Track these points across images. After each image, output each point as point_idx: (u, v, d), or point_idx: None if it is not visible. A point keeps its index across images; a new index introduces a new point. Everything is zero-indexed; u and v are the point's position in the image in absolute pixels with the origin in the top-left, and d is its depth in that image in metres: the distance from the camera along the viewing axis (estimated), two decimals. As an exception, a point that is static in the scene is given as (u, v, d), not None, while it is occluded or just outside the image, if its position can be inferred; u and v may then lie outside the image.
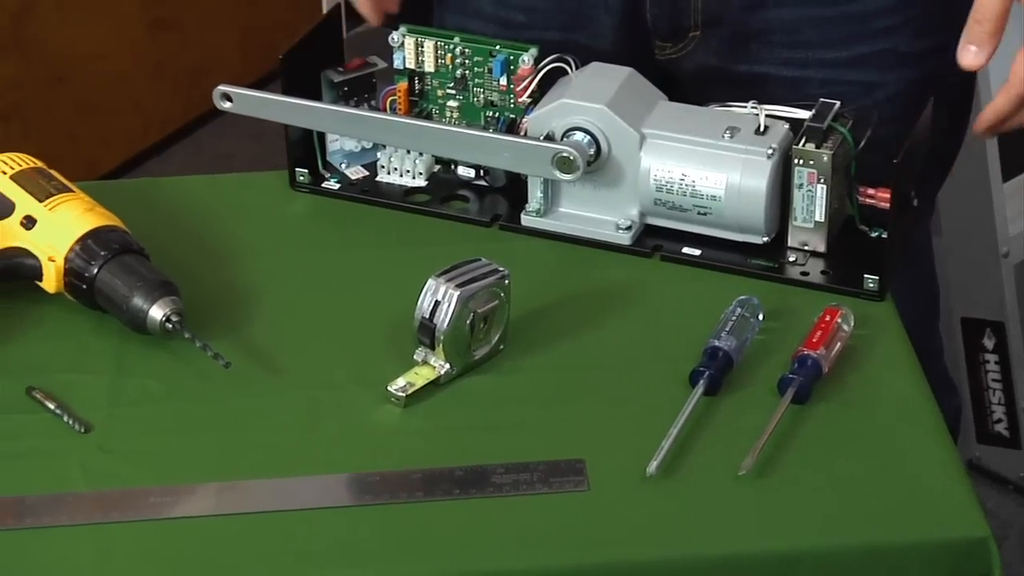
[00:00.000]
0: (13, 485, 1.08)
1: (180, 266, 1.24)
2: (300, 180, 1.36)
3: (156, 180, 1.42)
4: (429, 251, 1.27)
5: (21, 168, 1.26)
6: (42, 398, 1.14)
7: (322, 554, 1.04)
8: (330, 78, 1.35)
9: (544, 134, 1.27)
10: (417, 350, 1.16)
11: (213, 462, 1.10)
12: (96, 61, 2.88)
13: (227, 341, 1.18)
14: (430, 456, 1.10)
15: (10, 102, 2.74)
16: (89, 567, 1.03)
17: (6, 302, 1.23)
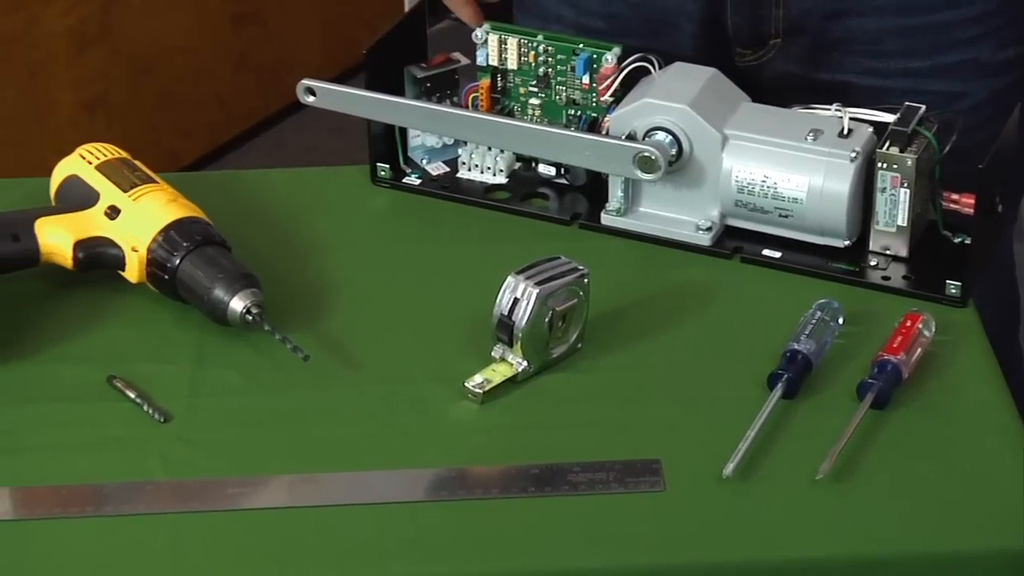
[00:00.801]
0: (93, 473, 1.09)
1: (261, 258, 1.24)
2: (381, 175, 1.37)
3: (238, 172, 1.43)
4: (508, 248, 1.27)
5: (106, 158, 1.27)
6: (123, 387, 1.15)
7: (396, 549, 1.04)
8: (413, 74, 1.35)
9: (626, 133, 1.27)
10: (495, 347, 1.16)
11: (289, 454, 1.11)
12: (180, 53, 2.91)
13: (306, 334, 1.19)
14: (506, 453, 1.10)
15: (96, 92, 2.76)
16: (165, 555, 1.04)
17: (89, 291, 1.25)
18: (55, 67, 2.69)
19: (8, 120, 2.65)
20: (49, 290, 1.25)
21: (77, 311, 1.23)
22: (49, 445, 1.11)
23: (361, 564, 1.03)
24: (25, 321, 1.21)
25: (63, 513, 1.06)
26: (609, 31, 1.40)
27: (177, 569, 1.03)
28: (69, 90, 2.72)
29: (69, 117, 2.73)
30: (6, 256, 1.21)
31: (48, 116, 2.70)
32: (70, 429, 1.13)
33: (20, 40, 2.62)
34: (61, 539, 1.04)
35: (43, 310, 1.23)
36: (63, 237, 1.22)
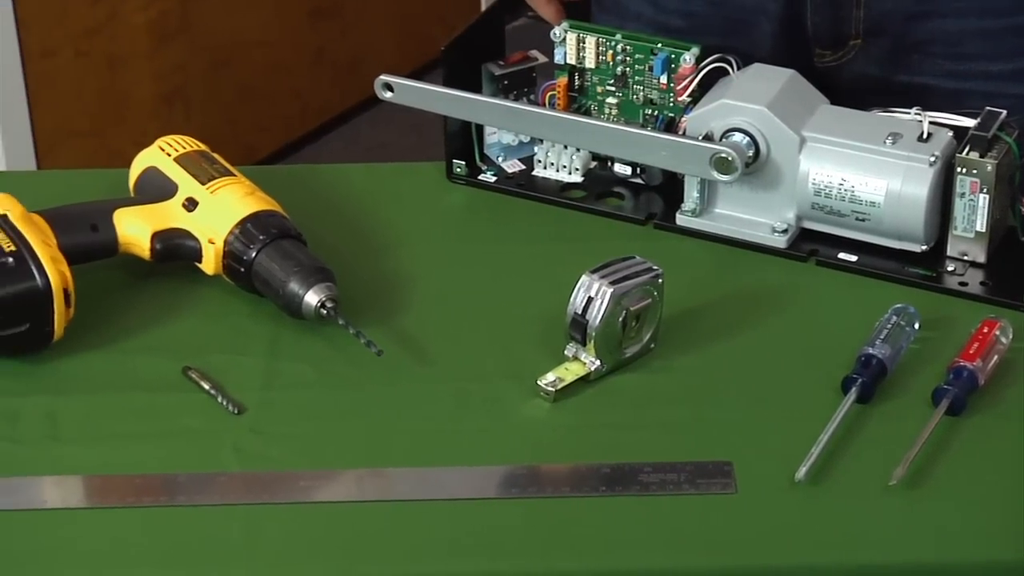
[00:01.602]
0: (167, 463, 1.10)
1: (336, 253, 1.25)
2: (457, 172, 1.37)
3: (315, 167, 1.43)
4: (583, 247, 1.27)
5: (185, 151, 1.28)
6: (198, 378, 1.16)
7: (466, 545, 1.04)
8: (491, 71, 1.36)
9: (703, 134, 1.27)
10: (568, 346, 1.16)
11: (361, 448, 1.11)
12: (258, 48, 2.92)
13: (380, 329, 1.19)
14: (577, 452, 1.10)
15: (175, 85, 2.79)
16: (238, 546, 1.04)
17: (166, 282, 1.25)
18: (135, 59, 2.72)
19: (88, 111, 2.67)
20: (127, 281, 1.26)
21: (154, 302, 1.24)
22: (124, 435, 1.12)
23: (431, 560, 1.04)
24: (103, 311, 1.22)
25: (136, 502, 1.07)
26: (688, 29, 1.40)
27: (250, 560, 1.03)
28: (148, 82, 2.74)
29: (148, 109, 2.75)
30: (85, 246, 1.22)
31: (127, 108, 2.73)
32: (145, 419, 1.13)
33: (101, 32, 2.64)
34: (134, 528, 1.05)
35: (120, 300, 1.24)
36: (141, 228, 1.23)
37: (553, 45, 1.36)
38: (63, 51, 2.60)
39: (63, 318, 1.16)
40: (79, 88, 2.65)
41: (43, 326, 1.16)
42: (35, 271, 1.15)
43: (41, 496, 1.08)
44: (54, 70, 2.60)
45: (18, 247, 1.15)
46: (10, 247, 1.15)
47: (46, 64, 2.58)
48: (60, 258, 1.17)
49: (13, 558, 1.03)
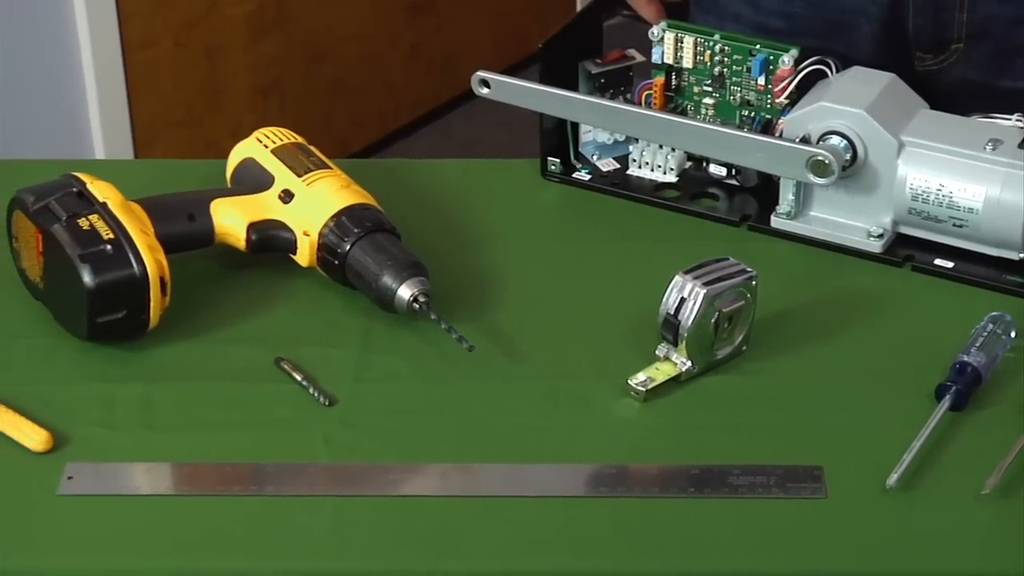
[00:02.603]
0: (257, 453, 1.10)
1: (429, 248, 1.25)
2: (551, 169, 1.37)
3: (410, 161, 1.44)
4: (676, 247, 1.27)
5: (282, 143, 1.29)
6: (290, 369, 1.17)
7: (552, 542, 1.04)
8: (587, 69, 1.36)
9: (800, 136, 1.26)
10: (659, 346, 1.16)
11: (451, 443, 1.12)
12: (354, 42, 2.94)
13: (472, 324, 1.20)
14: (667, 452, 1.10)
15: (271, 77, 2.80)
16: (326, 537, 1.05)
17: (260, 274, 1.26)
18: (232, 51, 2.74)
19: (186, 102, 2.70)
20: (222, 271, 1.27)
21: (248, 293, 1.25)
22: (216, 423, 1.13)
23: (517, 556, 1.04)
24: (198, 300, 1.23)
25: (226, 491, 1.07)
26: (787, 30, 1.39)
27: (337, 552, 1.04)
28: (245, 74, 2.76)
29: (244, 101, 2.77)
30: (182, 236, 1.23)
31: (224, 99, 2.75)
32: (237, 409, 1.14)
33: (200, 24, 2.67)
34: (223, 517, 1.06)
35: (215, 290, 1.25)
36: (238, 219, 1.24)
37: (650, 44, 1.36)
38: (162, 42, 2.63)
39: (159, 306, 1.17)
40: (177, 79, 2.67)
41: (139, 314, 1.17)
42: (132, 259, 1.16)
43: (133, 482, 1.09)
44: (153, 61, 2.62)
45: (117, 235, 1.16)
46: (109, 235, 1.16)
47: (146, 55, 2.61)
48: (157, 247, 1.18)
49: (104, 543, 1.04)
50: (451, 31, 3.11)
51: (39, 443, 1.10)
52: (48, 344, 1.19)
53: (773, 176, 1.30)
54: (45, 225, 1.17)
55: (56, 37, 2.50)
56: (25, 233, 1.20)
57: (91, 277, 1.15)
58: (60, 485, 1.07)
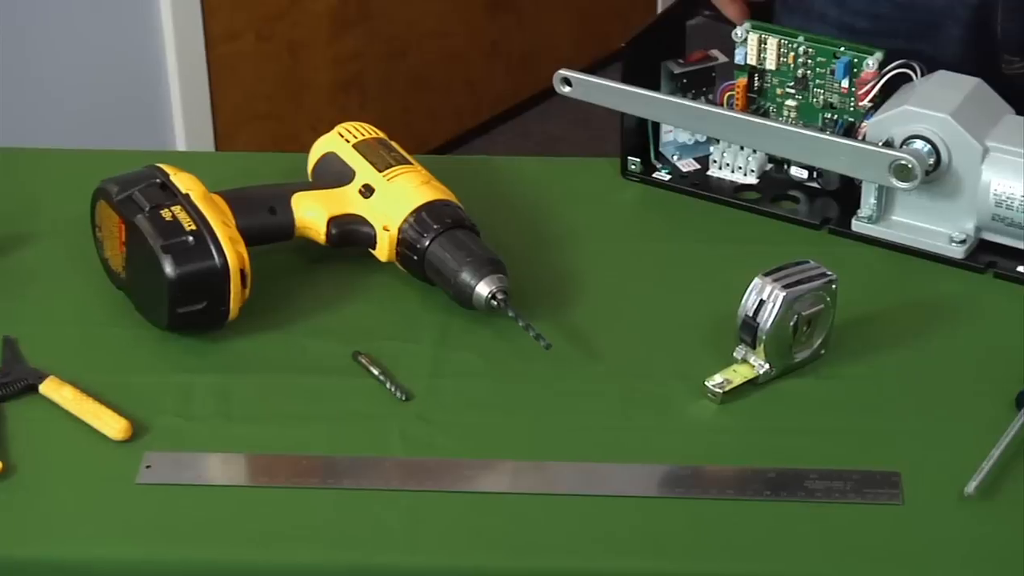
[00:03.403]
0: (334, 445, 1.11)
1: (508, 245, 1.25)
2: (631, 169, 1.37)
3: (490, 158, 1.44)
4: (755, 249, 1.26)
5: (363, 138, 1.29)
6: (367, 363, 1.17)
7: (626, 542, 1.04)
8: (670, 69, 1.35)
9: (883, 140, 1.25)
10: (737, 348, 1.15)
11: (526, 440, 1.12)
12: (434, 38, 2.94)
13: (549, 323, 1.20)
14: (743, 455, 1.10)
15: (352, 72, 2.81)
16: (400, 530, 1.05)
17: (339, 268, 1.27)
18: (315, 46, 2.75)
19: (268, 95, 2.71)
20: (301, 264, 1.27)
21: (327, 286, 1.25)
22: (293, 416, 1.14)
23: (590, 555, 1.04)
24: (277, 293, 1.24)
25: (302, 483, 1.08)
26: (873, 31, 1.38)
27: (411, 546, 1.04)
28: (326, 69, 2.78)
29: (325, 95, 2.79)
30: (263, 228, 1.23)
31: (305, 93, 2.76)
32: (314, 402, 1.15)
33: (283, 18, 2.68)
34: (298, 509, 1.06)
35: (295, 284, 1.25)
36: (318, 213, 1.24)
37: (733, 45, 1.35)
38: (245, 35, 2.64)
39: (239, 298, 1.18)
40: (259, 72, 2.69)
41: (219, 305, 1.18)
42: (214, 251, 1.17)
43: (209, 473, 1.10)
44: (236, 54, 2.64)
45: (198, 227, 1.17)
46: (191, 226, 1.17)
47: (228, 48, 2.62)
48: (238, 239, 1.19)
49: (180, 533, 1.05)
50: (531, 28, 3.11)
51: (119, 432, 1.11)
52: (129, 334, 1.20)
53: (855, 180, 1.29)
54: (128, 215, 1.18)
55: (141, 30, 2.52)
56: (109, 223, 1.21)
57: (173, 268, 1.15)
58: (138, 474, 1.08)
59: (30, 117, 2.41)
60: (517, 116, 3.14)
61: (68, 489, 1.08)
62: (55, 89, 2.44)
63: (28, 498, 1.07)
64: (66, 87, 2.45)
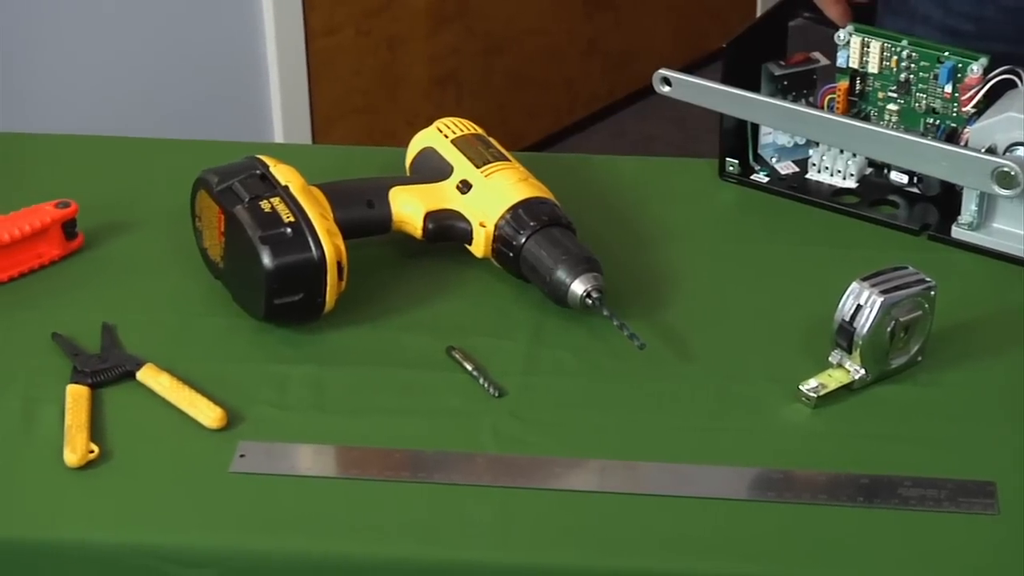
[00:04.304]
0: (426, 440, 1.11)
1: (604, 243, 1.25)
2: (729, 170, 1.36)
3: (586, 156, 1.44)
4: (853, 254, 1.26)
5: (462, 133, 1.30)
6: (461, 359, 1.17)
7: (716, 545, 1.04)
8: (771, 71, 1.34)
9: (986, 146, 1.24)
10: (833, 352, 1.14)
11: (618, 440, 1.12)
12: (532, 35, 2.94)
13: (643, 322, 1.19)
14: (836, 460, 1.09)
15: (449, 68, 2.82)
16: (490, 527, 1.05)
17: (435, 263, 1.27)
18: (412, 41, 2.76)
19: (365, 89, 2.72)
20: (397, 258, 1.28)
21: (422, 281, 1.26)
22: (386, 409, 1.14)
23: (679, 556, 1.03)
24: (372, 287, 1.24)
25: (394, 476, 1.08)
26: (977, 34, 1.37)
27: (502, 543, 1.04)
28: (423, 64, 2.78)
29: (421, 90, 2.79)
30: (360, 222, 1.24)
31: (402, 88, 2.77)
32: (407, 396, 1.15)
33: (382, 13, 2.69)
34: (389, 502, 1.07)
35: (390, 277, 1.26)
36: (415, 207, 1.25)
37: (835, 47, 1.34)
38: (345, 30, 2.65)
39: (335, 290, 1.19)
40: (357, 67, 2.70)
41: (315, 297, 1.18)
42: (311, 243, 1.17)
43: (302, 463, 1.10)
44: (335, 48, 2.65)
45: (297, 219, 1.18)
46: (289, 218, 1.18)
47: (328, 42, 2.64)
48: (336, 232, 1.19)
49: (271, 522, 1.06)
50: (629, 27, 3.10)
51: (214, 420, 1.12)
52: (225, 323, 1.21)
53: (956, 186, 1.28)
54: (228, 206, 1.19)
55: (242, 22, 2.53)
56: (208, 213, 1.22)
57: (270, 259, 1.16)
58: (232, 463, 1.09)
59: (134, 108, 2.43)
60: (613, 115, 3.13)
61: (162, 476, 1.09)
62: (158, 81, 2.46)
63: (123, 484, 1.08)
64: (168, 78, 2.48)
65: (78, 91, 2.37)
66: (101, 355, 1.17)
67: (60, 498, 1.07)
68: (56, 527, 1.06)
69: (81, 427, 1.11)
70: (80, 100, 2.36)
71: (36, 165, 1.41)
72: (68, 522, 1.06)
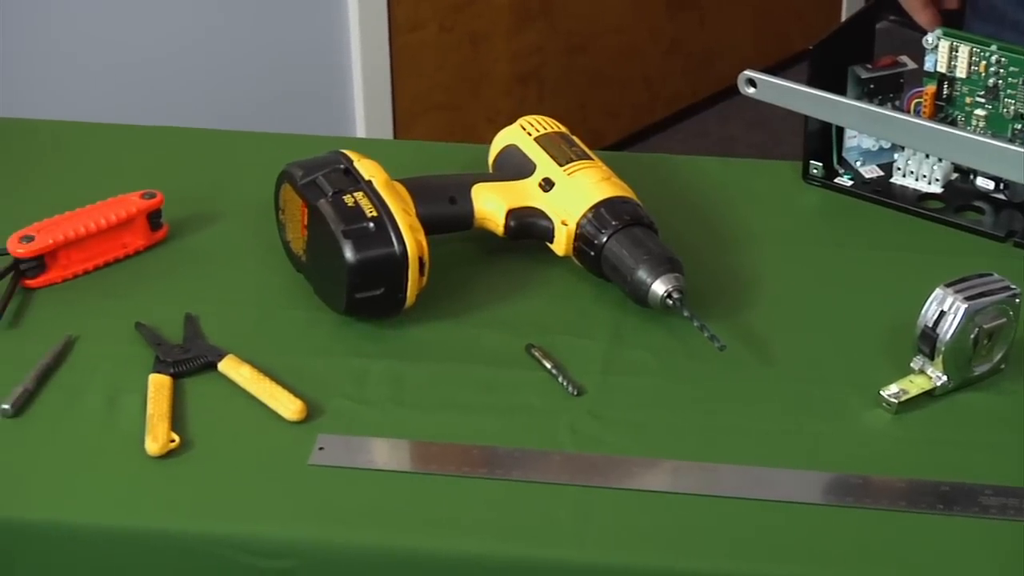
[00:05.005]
0: (503, 437, 1.11)
1: (685, 244, 1.25)
2: (813, 173, 1.35)
3: (668, 156, 1.43)
4: (937, 260, 1.25)
5: (545, 131, 1.30)
6: (540, 357, 1.17)
7: (793, 549, 1.03)
8: (857, 74, 1.34)
9: (1074, 153, 1.23)
10: (915, 358, 1.14)
11: (696, 441, 1.11)
12: (614, 34, 2.94)
13: (723, 324, 1.19)
14: (916, 467, 1.08)
15: (531, 66, 2.82)
16: (568, 525, 1.05)
17: (516, 260, 1.27)
18: (495, 38, 2.76)
19: (446, 85, 2.73)
20: (478, 255, 1.28)
21: (502, 278, 1.26)
22: (464, 405, 1.14)
23: (756, 560, 1.03)
24: (453, 283, 1.25)
25: (471, 472, 1.09)
26: (1068, 38, 1.36)
27: (578, 541, 1.04)
28: (506, 61, 2.79)
29: (503, 87, 2.79)
30: (443, 218, 1.24)
31: (484, 85, 2.77)
32: (486, 392, 1.15)
33: (466, 9, 2.69)
34: (466, 498, 1.07)
35: (471, 274, 1.26)
36: (497, 204, 1.25)
37: (922, 51, 1.33)
38: (429, 26, 2.66)
39: (416, 286, 1.19)
40: (440, 63, 2.70)
41: (396, 292, 1.19)
42: (394, 238, 1.18)
43: (381, 457, 1.11)
44: (419, 44, 2.66)
45: (380, 213, 1.18)
46: (372, 212, 1.18)
47: (411, 38, 2.64)
48: (418, 227, 1.20)
49: (350, 516, 1.06)
50: (712, 27, 3.09)
51: (293, 413, 1.12)
52: (306, 317, 1.22)
53: (1043, 192, 1.27)
54: (312, 199, 1.20)
55: (328, 17, 2.55)
56: (292, 206, 1.23)
57: (352, 253, 1.17)
58: (311, 455, 1.10)
59: (220, 100, 2.45)
60: (694, 115, 3.12)
61: (242, 467, 1.09)
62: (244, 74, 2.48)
63: (202, 473, 1.09)
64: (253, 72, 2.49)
65: (166, 83, 2.39)
66: (183, 345, 1.18)
67: (140, 486, 1.08)
68: (136, 515, 1.06)
69: (163, 416, 1.11)
70: (167, 92, 2.38)
71: (123, 155, 1.43)
72: (147, 510, 1.07)
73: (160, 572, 1.07)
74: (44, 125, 1.48)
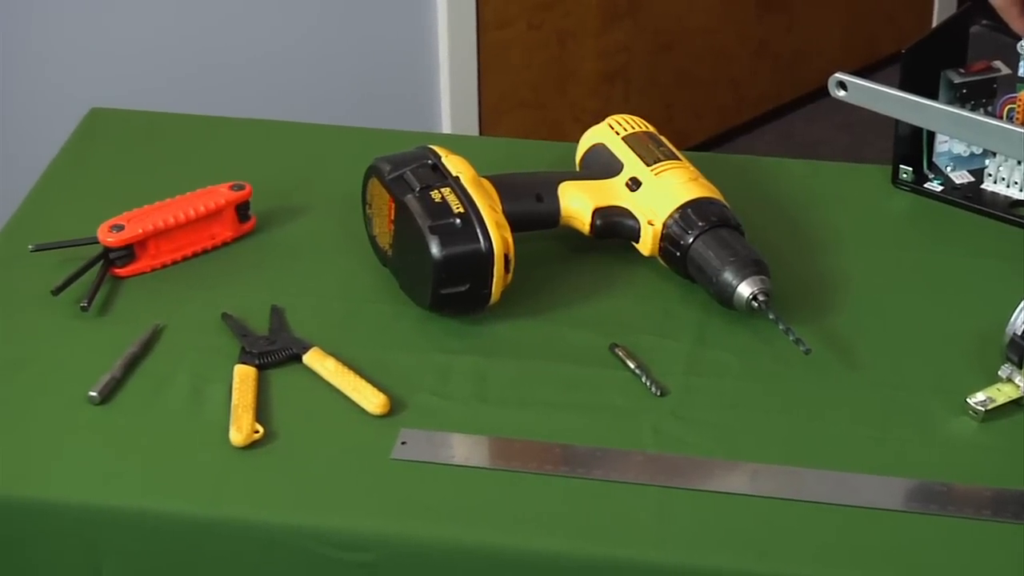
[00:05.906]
0: (586, 436, 1.11)
1: (771, 246, 1.24)
2: (903, 177, 1.34)
3: (756, 158, 1.43)
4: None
5: (634, 131, 1.29)
6: (624, 356, 1.17)
7: (874, 556, 1.03)
8: (950, 78, 1.32)
9: None
10: (1003, 366, 1.12)
11: (779, 444, 1.11)
12: (702, 34, 2.93)
13: (809, 327, 1.18)
14: (1002, 476, 1.07)
15: (618, 64, 2.82)
16: (649, 526, 1.05)
17: (600, 259, 1.27)
18: (583, 37, 2.76)
19: (533, 83, 2.73)
20: (564, 253, 1.28)
21: (587, 277, 1.26)
22: (547, 403, 1.14)
23: (837, 566, 1.02)
24: (537, 280, 1.25)
25: (553, 471, 1.09)
26: None
27: (659, 542, 1.04)
28: (593, 60, 2.78)
29: (589, 86, 2.79)
30: (529, 215, 1.24)
31: (570, 83, 2.77)
32: (569, 390, 1.15)
33: (554, 7, 2.69)
34: (548, 495, 1.07)
35: (556, 272, 1.26)
36: (584, 203, 1.25)
37: (1016, 56, 1.32)
38: (517, 23, 2.66)
39: (501, 283, 1.19)
40: (527, 60, 2.70)
41: (481, 288, 1.19)
42: (480, 234, 1.18)
43: (463, 453, 1.11)
44: (506, 41, 2.66)
45: (466, 209, 1.19)
46: (459, 209, 1.18)
47: (499, 35, 2.64)
48: (504, 224, 1.20)
49: (430, 511, 1.07)
50: (801, 30, 3.07)
51: (377, 407, 1.13)
52: (391, 311, 1.22)
53: None
54: (399, 194, 1.20)
55: (417, 13, 2.55)
56: (379, 201, 1.23)
57: (439, 249, 1.17)
58: (393, 449, 1.10)
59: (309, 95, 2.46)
60: (780, 117, 3.11)
61: (325, 459, 1.10)
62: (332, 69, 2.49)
63: (286, 465, 1.10)
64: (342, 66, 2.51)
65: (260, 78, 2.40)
66: (269, 337, 1.19)
67: (224, 476, 1.09)
68: (219, 505, 1.07)
69: (247, 407, 1.12)
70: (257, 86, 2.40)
71: (213, 147, 1.44)
72: (231, 500, 1.08)
73: (241, 562, 1.07)
74: (137, 116, 1.49)
